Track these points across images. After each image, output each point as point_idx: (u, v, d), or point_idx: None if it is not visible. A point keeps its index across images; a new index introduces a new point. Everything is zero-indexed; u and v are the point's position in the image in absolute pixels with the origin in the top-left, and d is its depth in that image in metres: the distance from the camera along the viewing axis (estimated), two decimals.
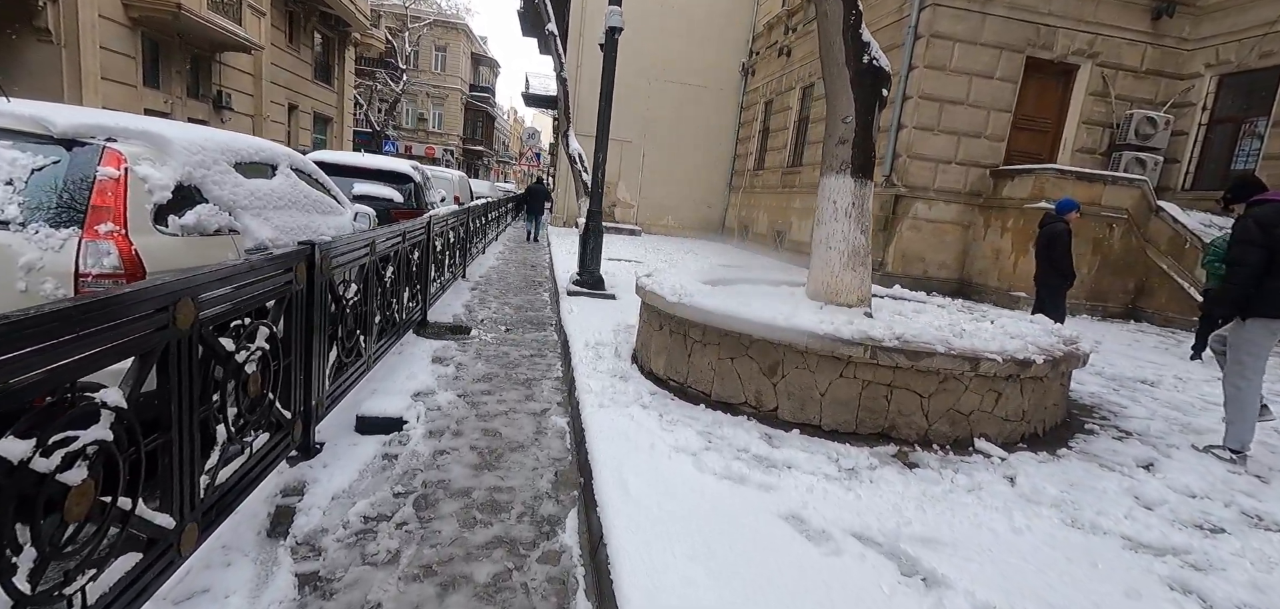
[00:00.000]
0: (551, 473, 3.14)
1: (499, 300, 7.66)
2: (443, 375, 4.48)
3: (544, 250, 14.50)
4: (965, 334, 3.71)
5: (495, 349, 5.41)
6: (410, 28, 39.29)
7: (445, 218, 6.77)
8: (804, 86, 16.26)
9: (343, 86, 27.56)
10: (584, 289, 7.45)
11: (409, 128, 44.48)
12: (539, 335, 6.09)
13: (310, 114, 24.72)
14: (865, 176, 4.66)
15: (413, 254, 5.32)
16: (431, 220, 5.89)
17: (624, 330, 5.70)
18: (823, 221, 4.68)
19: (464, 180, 14.23)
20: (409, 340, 5.22)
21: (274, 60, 21.49)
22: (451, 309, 6.73)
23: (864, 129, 4.63)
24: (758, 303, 3.87)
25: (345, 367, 3.55)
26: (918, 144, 11.26)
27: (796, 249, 15.26)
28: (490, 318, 6.62)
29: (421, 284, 5.72)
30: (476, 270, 9.84)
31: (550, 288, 9.00)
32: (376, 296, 4.19)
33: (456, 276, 8.30)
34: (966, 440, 3.44)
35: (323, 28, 25.23)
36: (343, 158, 7.18)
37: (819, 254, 4.69)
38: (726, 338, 3.75)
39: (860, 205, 4.61)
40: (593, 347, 5.01)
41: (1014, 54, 11.19)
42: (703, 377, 3.91)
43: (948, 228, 11.58)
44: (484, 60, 51.44)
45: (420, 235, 5.48)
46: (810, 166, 15.16)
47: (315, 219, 4.27)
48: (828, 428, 3.47)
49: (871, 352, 3.29)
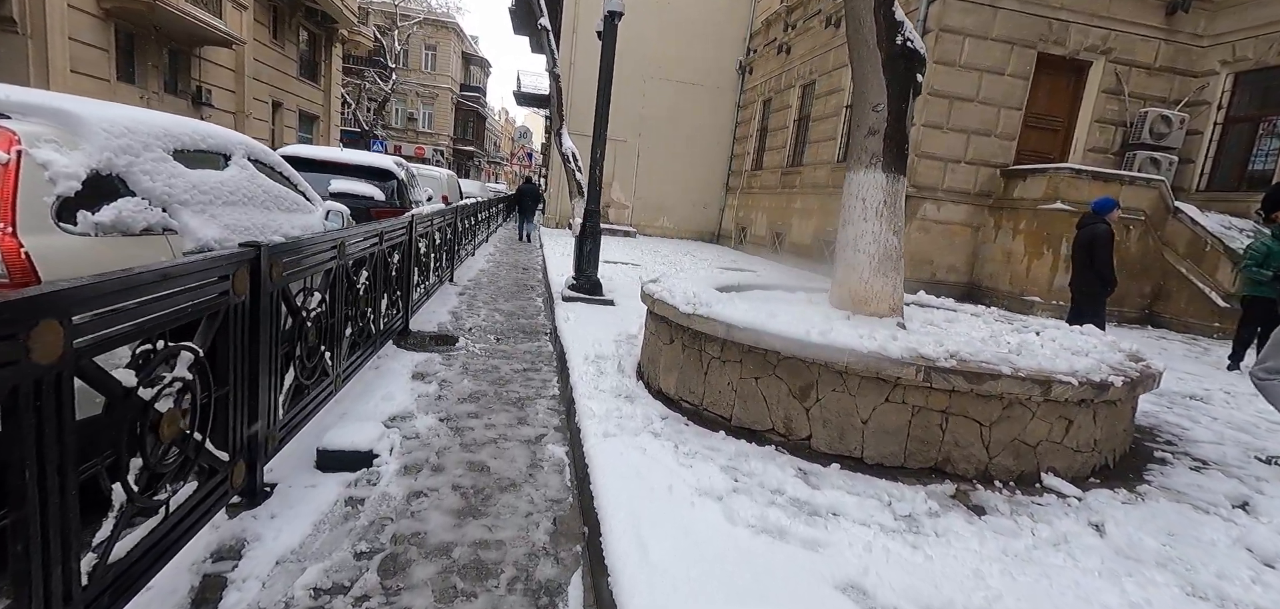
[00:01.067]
0: (549, 520, 2.62)
1: (489, 306, 7.13)
2: (424, 395, 3.96)
3: (536, 252, 13.96)
4: (1022, 350, 3.23)
5: (484, 362, 4.89)
6: (399, 26, 38.62)
7: (430, 217, 6.24)
8: (804, 84, 15.82)
9: (329, 84, 26.90)
10: (581, 294, 6.94)
11: (398, 127, 43.78)
12: (532, 346, 5.57)
13: (295, 112, 24.05)
14: (898, 171, 4.19)
15: (392, 257, 4.79)
16: (414, 220, 5.37)
17: (626, 341, 5.20)
18: (850, 222, 4.19)
19: (453, 179, 13.68)
20: (388, 353, 4.69)
21: (257, 56, 20.84)
22: (437, 316, 6.20)
23: (897, 118, 4.16)
24: (783, 313, 3.38)
25: (305, 390, 3.03)
26: (926, 142, 10.84)
27: (796, 251, 14.81)
28: (479, 326, 6.09)
29: (402, 290, 5.19)
30: (465, 273, 9.31)
31: (544, 293, 8.48)
32: (347, 306, 3.66)
33: (443, 281, 7.77)
34: (1032, 476, 2.96)
35: (308, 23, 24.57)
36: (319, 152, 6.63)
37: (846, 258, 4.20)
38: (750, 354, 3.25)
39: (893, 203, 4.14)
40: (593, 360, 4.50)
41: (1025, 50, 10.79)
42: (722, 398, 3.41)
43: (957, 229, 11.15)
44: (475, 59, 50.79)
45: (401, 236, 4.95)
46: (811, 166, 14.73)
47: (277, 218, 3.74)
48: (871, 461, 2.98)
49: (924, 373, 2.80)
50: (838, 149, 13.64)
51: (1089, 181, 9.71)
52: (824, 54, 14.49)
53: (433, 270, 6.74)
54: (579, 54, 19.32)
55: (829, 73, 14.20)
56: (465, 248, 10.33)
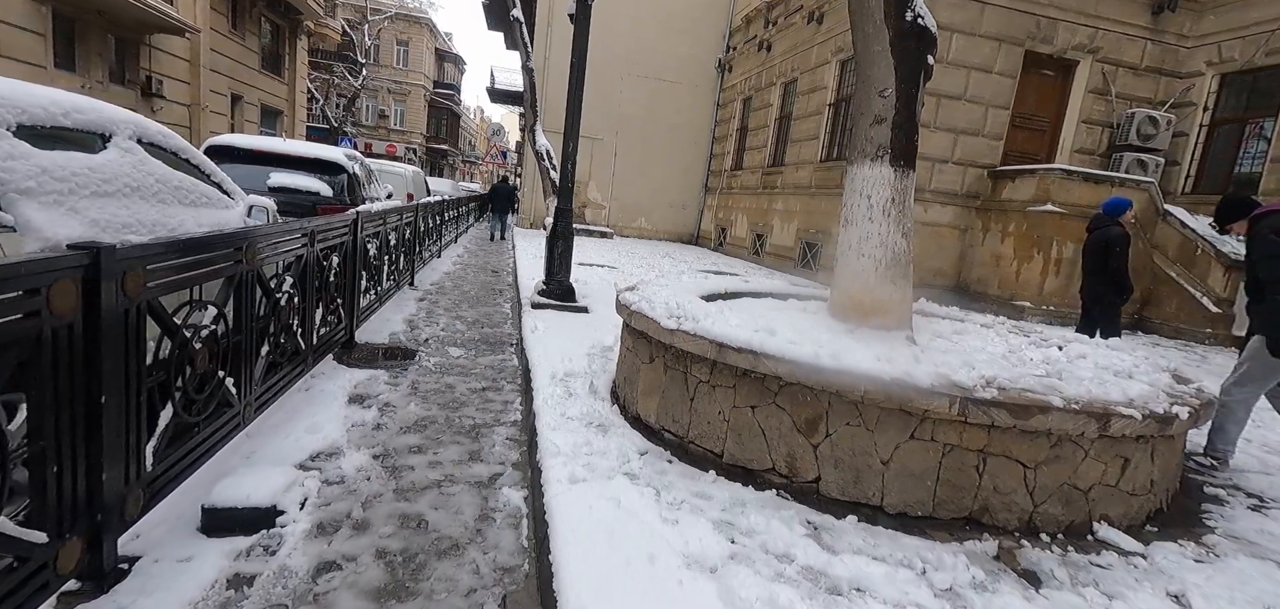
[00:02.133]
0: (496, 602, 2.05)
1: (450, 314, 6.51)
2: (359, 424, 3.34)
3: (508, 253, 13.32)
4: (1063, 374, 2.75)
5: (438, 380, 4.28)
6: (370, 20, 37.51)
7: (382, 216, 5.61)
8: (785, 82, 15.43)
9: (294, 78, 25.83)
10: (551, 300, 6.35)
11: (369, 125, 42.56)
12: (495, 360, 4.98)
13: (257, 106, 23.00)
14: (907, 165, 3.70)
15: (330, 260, 4.16)
16: (360, 218, 4.73)
17: (600, 355, 4.64)
18: (853, 222, 3.70)
19: (418, 176, 12.96)
20: (324, 372, 4.06)
21: (214, 46, 19.81)
22: (390, 326, 5.56)
23: (906, 105, 3.68)
24: (782, 327, 2.86)
25: (192, 430, 2.41)
26: None
27: (778, 254, 14.40)
28: (437, 337, 5.47)
29: (346, 298, 4.56)
30: (429, 277, 8.65)
31: (512, 298, 7.87)
32: (263, 320, 3.04)
33: (401, 285, 7.12)
34: (1084, 526, 2.48)
35: (271, 14, 23.52)
36: (256, 142, 5.94)
37: (848, 262, 3.71)
38: (746, 379, 2.72)
39: (901, 201, 3.65)
40: (561, 379, 3.93)
41: (1013, 47, 10.50)
42: (711, 430, 2.87)
43: (944, 231, 10.82)
44: (448, 56, 49.70)
45: (340, 236, 4.32)
46: (793, 166, 14.33)
47: (176, 214, 3.10)
48: (892, 510, 2.47)
49: (960, 406, 2.30)
50: (820, 148, 13.26)
51: (1080, 183, 9.43)
52: (806, 51, 14.11)
53: (387, 274, 6.10)
54: (554, 49, 18.68)
55: (811, 70, 13.82)
56: (430, 249, 9.66)
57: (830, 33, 13.08)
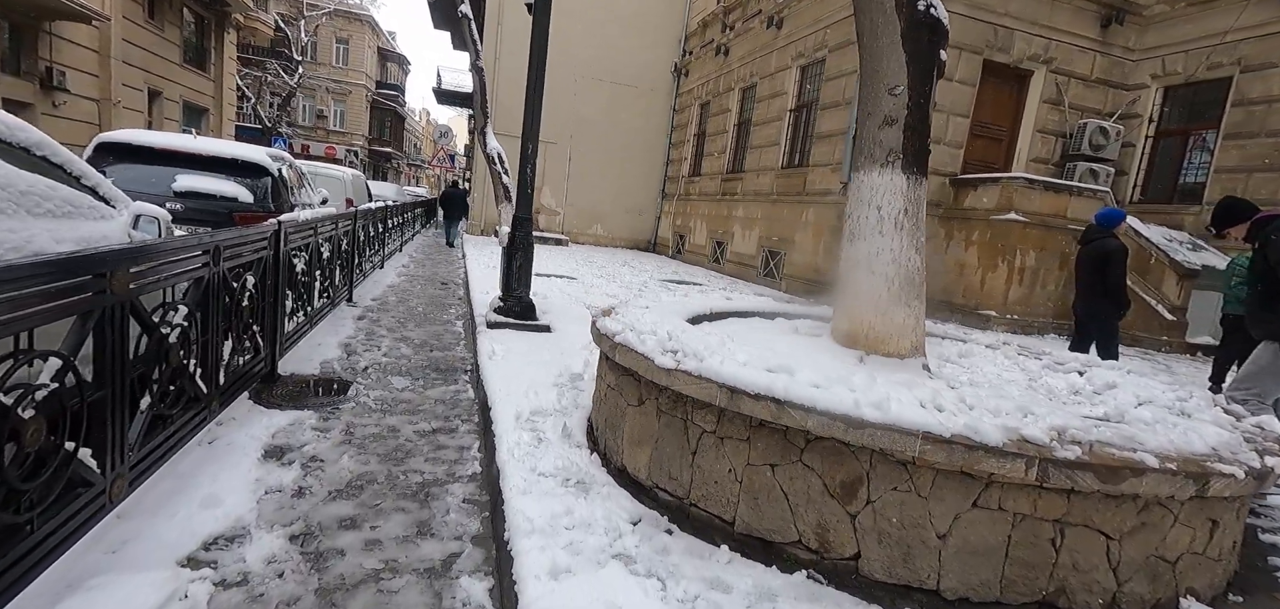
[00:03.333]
0: None
1: (394, 335, 5.78)
2: (275, 490, 2.67)
3: (459, 262, 12.51)
4: (1125, 416, 2.38)
5: (378, 421, 3.62)
6: (306, 16, 35.57)
7: (313, 225, 4.87)
8: (743, 87, 15.19)
9: (221, 74, 24.05)
10: (509, 319, 5.73)
11: (307, 125, 40.42)
12: (447, 392, 4.33)
13: (179, 103, 21.24)
14: (920, 171, 3.31)
15: (243, 280, 3.45)
16: (284, 229, 4.01)
17: (569, 385, 4.07)
18: (861, 235, 3.27)
19: (359, 180, 12.02)
20: (237, 416, 3.34)
21: (128, 36, 18.14)
22: (323, 352, 4.83)
23: (919, 105, 3.29)
24: (800, 363, 2.37)
25: (15, 533, 1.72)
26: None
27: (739, 262, 14.11)
28: (378, 364, 4.77)
29: (265, 323, 3.83)
30: (370, 291, 7.84)
31: (465, 314, 7.18)
32: (143, 363, 2.35)
33: (338, 302, 6.34)
34: (1171, 603, 2.09)
35: (194, 4, 21.80)
36: (161, 140, 5.07)
37: (856, 281, 3.28)
38: (763, 430, 2.23)
39: (915, 212, 3.25)
40: (527, 420, 3.35)
41: (972, 55, 10.51)
42: (719, 492, 2.36)
43: None
44: (392, 56, 47.82)
45: (257, 251, 3.61)
46: (753, 173, 14.08)
47: (28, 228, 2.37)
48: (952, 595, 2.02)
49: (1039, 468, 1.86)
50: (782, 155, 13.04)
51: (1042, 192, 9.45)
52: (765, 56, 13.90)
53: (319, 292, 5.34)
54: (505, 48, 17.94)
55: (771, 75, 13.61)
56: (372, 260, 8.83)
57: (790, 37, 12.89)
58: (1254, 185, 9.53)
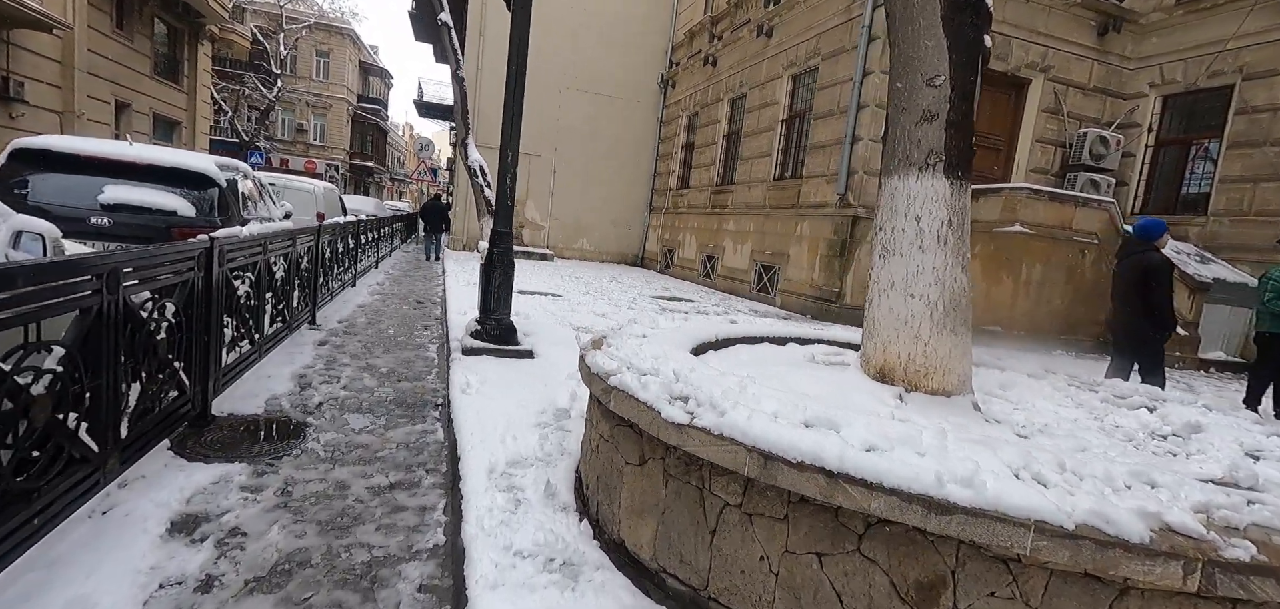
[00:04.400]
0: None
1: (358, 363, 5.19)
2: (173, 582, 2.09)
3: (438, 279, 11.90)
4: (1259, 480, 1.89)
5: (324, 475, 3.04)
6: (285, 29, 34.88)
7: (262, 241, 4.28)
8: (733, 98, 14.83)
9: (194, 86, 23.28)
10: (488, 344, 5.16)
11: (286, 139, 39.57)
12: (413, 433, 3.75)
13: (148, 115, 20.47)
14: (964, 176, 2.84)
15: (161, 307, 2.86)
16: (219, 246, 3.43)
17: (554, 424, 3.52)
18: (897, 250, 2.78)
19: (331, 192, 11.38)
20: (148, 473, 2.74)
21: (93, 46, 17.40)
22: (272, 385, 4.22)
23: (963, 98, 2.81)
24: (846, 413, 1.86)
25: None
26: (875, 158, 9.93)
27: (731, 277, 13.64)
28: (335, 399, 4.18)
29: (191, 357, 3.24)
30: (337, 311, 7.23)
31: (441, 337, 6.60)
32: None
33: (296, 325, 5.73)
34: None
35: (166, 15, 21.09)
36: (87, 146, 4.45)
37: (891, 305, 2.78)
38: (806, 508, 1.70)
39: (960, 224, 2.77)
40: (502, 474, 2.79)
41: None
42: (749, 585, 1.82)
43: None
44: (374, 70, 47.16)
45: (180, 272, 3.02)
46: (744, 185, 13.66)
47: None
48: None
49: (1202, 573, 1.35)
50: (774, 166, 12.63)
51: (1046, 202, 9.10)
52: (755, 65, 13.54)
53: (271, 316, 4.74)
54: (487, 58, 17.43)
55: (761, 85, 13.23)
56: (341, 278, 8.22)
57: (780, 46, 12.54)
58: (1261, 196, 9.27)
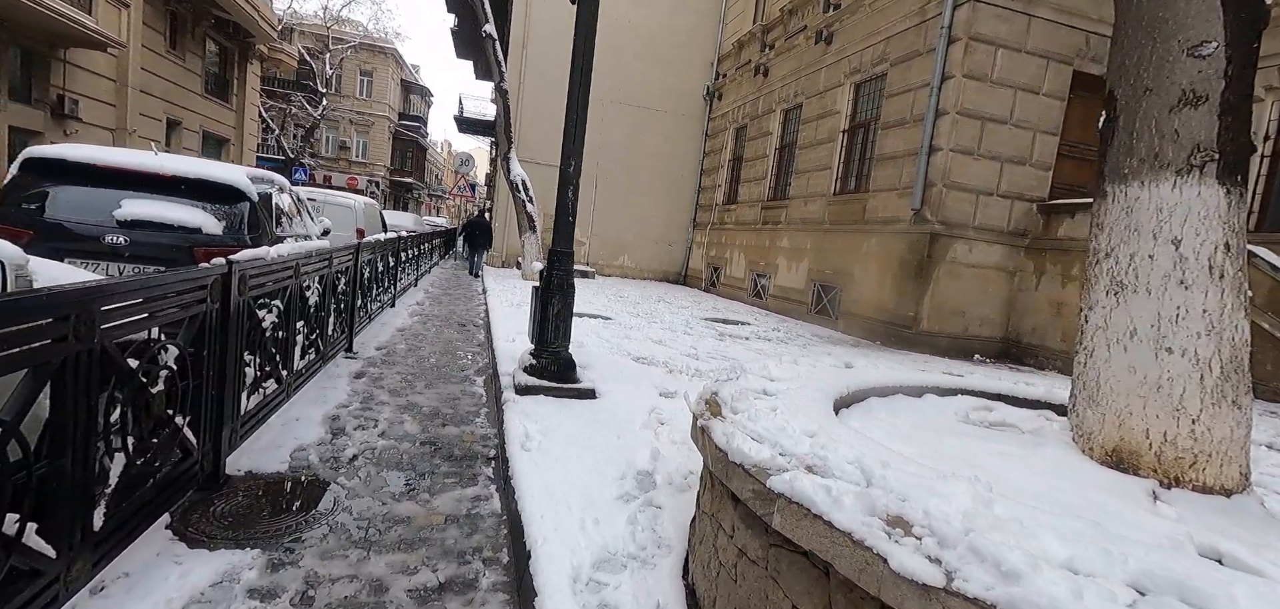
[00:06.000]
0: None
1: (397, 400, 4.58)
2: None
3: (479, 298, 11.38)
4: None
5: (354, 571, 2.37)
6: (332, 49, 35.53)
7: (293, 264, 3.71)
8: (786, 109, 14.06)
9: (243, 105, 23.64)
10: (545, 381, 4.48)
11: (329, 156, 40.30)
12: (463, 499, 3.08)
13: (198, 133, 20.76)
14: (1238, 184, 2.04)
15: (160, 353, 2.27)
16: (235, 273, 2.84)
17: (640, 498, 2.80)
18: (1138, 287, 2.00)
19: (372, 208, 11.00)
20: (127, 574, 2.12)
21: (147, 65, 17.64)
22: (301, 430, 3.63)
23: (1242, 72, 2.02)
24: (1180, 561, 1.10)
25: None
26: (956, 170, 9.04)
27: (784, 298, 12.79)
28: (370, 449, 3.55)
29: (199, 410, 2.64)
30: (376, 335, 6.69)
31: (487, 367, 5.97)
32: None
33: (332, 354, 5.17)
34: None
35: (218, 35, 21.44)
36: (104, 156, 3.96)
37: (1128, 362, 1.99)
38: None
39: (1238, 249, 1.97)
40: (588, 586, 2.08)
41: (1061, 66, 9.24)
42: None
43: (991, 274, 9.34)
44: (415, 88, 47.88)
45: (185, 305, 2.42)
46: (800, 199, 12.84)
47: None
48: None
49: None
50: (834, 180, 11.79)
51: None
52: (812, 74, 12.76)
53: (303, 347, 4.16)
54: (530, 72, 17.09)
55: (820, 94, 12.44)
56: (380, 298, 7.71)
57: (841, 52, 11.74)
58: None
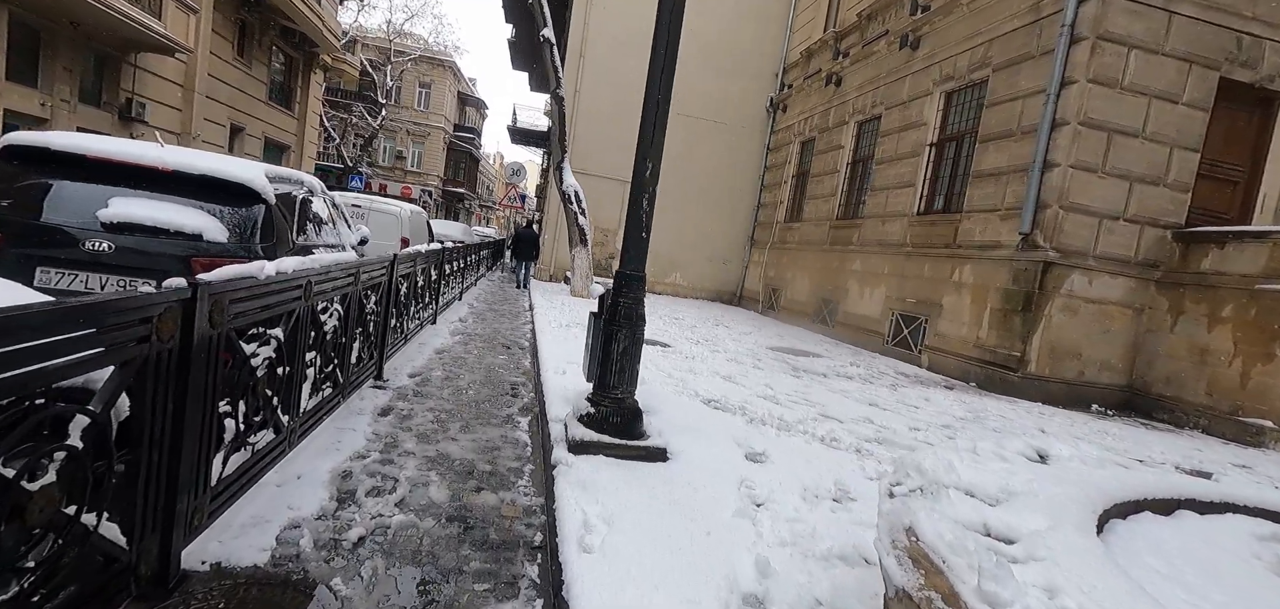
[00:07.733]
0: None
1: (425, 449, 3.79)
2: None
3: (525, 315, 10.68)
4: None
5: None
6: (393, 61, 36.20)
7: (304, 282, 2.97)
8: (861, 120, 12.95)
9: (305, 113, 24.00)
10: (604, 435, 3.61)
11: (386, 165, 41.06)
12: None
13: (260, 139, 21.04)
14: None
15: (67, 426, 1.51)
16: (201, 296, 2.08)
17: None
18: None
19: (418, 216, 10.46)
20: None
21: (213, 71, 17.91)
22: (299, 493, 2.86)
23: None
24: None
25: None
26: (1075, 190, 7.79)
27: (855, 325, 11.62)
28: (384, 531, 2.75)
29: (146, 495, 1.88)
30: (413, 358, 6.00)
31: (532, 406, 5.15)
32: None
33: (359, 383, 4.46)
34: None
35: (284, 45, 21.79)
36: (91, 146, 3.33)
37: None
38: None
39: None
40: None
41: (1206, 71, 7.88)
42: None
43: (1114, 311, 8.01)
44: (471, 100, 48.49)
45: (123, 348, 1.67)
46: (875, 219, 11.68)
47: None
48: None
49: None
50: (918, 199, 10.61)
51: None
52: (894, 82, 11.63)
53: (315, 384, 3.42)
54: (586, 80, 16.51)
55: (902, 105, 11.30)
56: (420, 315, 7.05)
57: (931, 58, 10.59)
58: None
